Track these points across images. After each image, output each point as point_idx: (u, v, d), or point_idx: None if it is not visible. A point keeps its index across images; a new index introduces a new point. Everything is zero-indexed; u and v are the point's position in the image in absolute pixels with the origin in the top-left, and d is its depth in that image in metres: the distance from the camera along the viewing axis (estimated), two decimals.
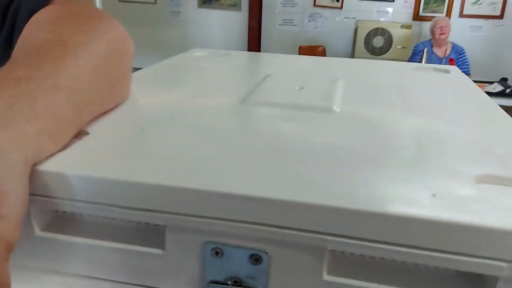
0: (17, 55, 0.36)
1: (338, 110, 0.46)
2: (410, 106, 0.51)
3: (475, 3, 3.90)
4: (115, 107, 0.43)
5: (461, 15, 3.94)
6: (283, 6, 4.27)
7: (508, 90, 2.89)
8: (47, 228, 0.33)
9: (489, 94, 2.93)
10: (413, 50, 3.45)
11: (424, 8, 4.01)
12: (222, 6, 4.36)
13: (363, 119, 0.45)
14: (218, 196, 0.28)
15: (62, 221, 0.34)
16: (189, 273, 0.31)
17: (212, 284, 0.31)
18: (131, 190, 0.29)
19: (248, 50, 4.38)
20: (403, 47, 3.94)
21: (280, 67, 0.72)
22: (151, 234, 0.32)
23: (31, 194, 0.29)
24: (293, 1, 4.24)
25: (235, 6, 4.33)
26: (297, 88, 0.54)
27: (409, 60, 3.45)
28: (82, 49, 0.37)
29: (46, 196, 0.30)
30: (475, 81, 2.45)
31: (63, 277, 0.34)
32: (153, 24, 4.47)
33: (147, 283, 0.33)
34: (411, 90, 0.59)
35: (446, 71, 0.68)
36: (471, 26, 3.92)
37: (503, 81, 3.02)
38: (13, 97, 0.30)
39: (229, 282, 0.31)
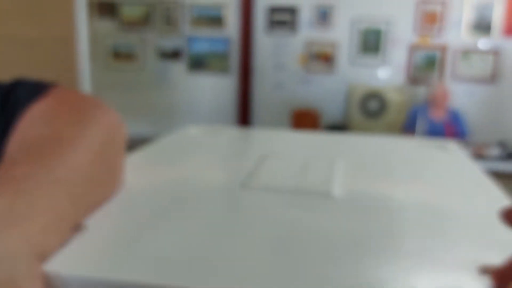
0: (13, 152, 0.38)
1: (341, 194, 0.45)
2: (412, 187, 0.51)
3: (466, 66, 3.92)
4: (112, 195, 0.44)
5: (454, 78, 3.95)
6: (275, 70, 4.26)
7: (507, 154, 2.80)
8: None
9: (489, 158, 2.85)
10: (409, 113, 3.40)
11: (416, 72, 4.02)
12: (211, 71, 4.35)
13: (365, 203, 0.45)
14: None
15: None
16: None
17: None
18: None
19: (239, 114, 4.33)
20: (399, 110, 3.90)
21: (278, 145, 0.73)
22: None
23: None
24: (285, 66, 4.24)
25: (225, 70, 4.32)
26: (297, 169, 0.53)
27: (406, 125, 3.39)
28: (78, 141, 0.39)
29: None
30: (472, 144, 2.37)
31: None
32: (142, 90, 4.45)
33: None
34: (413, 169, 0.60)
35: (445, 148, 0.68)
36: (464, 90, 3.92)
37: (502, 144, 2.95)
38: (13, 196, 0.31)
39: None
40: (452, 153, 0.66)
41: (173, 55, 4.39)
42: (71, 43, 1.56)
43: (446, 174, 0.58)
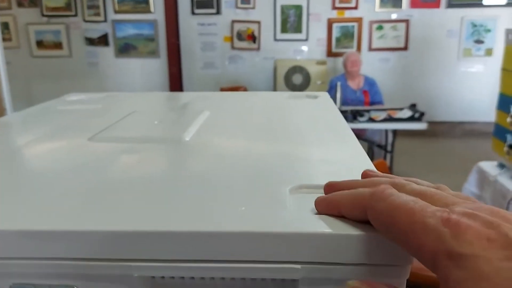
0: None
1: (187, 140, 0.46)
2: (266, 131, 0.52)
3: (380, 37, 4.18)
4: None
5: (370, 49, 4.20)
6: (202, 50, 4.34)
7: (416, 115, 3.06)
8: None
9: (400, 119, 3.11)
10: (329, 84, 3.61)
11: (336, 45, 4.24)
12: (140, 54, 4.37)
13: (211, 147, 0.45)
14: (17, 234, 0.27)
15: None
16: None
17: None
18: None
19: None
20: (322, 82, 4.11)
21: (153, 104, 0.71)
22: None
23: None
24: (212, 45, 4.33)
25: (154, 53, 4.35)
26: (156, 122, 0.54)
27: None
28: None
29: None
30: (387, 109, 2.55)
31: None
32: (70, 77, 4.38)
33: None
34: (276, 116, 0.60)
35: (315, 97, 0.71)
36: (380, 59, 4.18)
37: (412, 107, 3.21)
38: None
39: None
40: (320, 102, 0.67)
41: (100, 41, 4.36)
42: None
43: (309, 119, 0.57)
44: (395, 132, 3.26)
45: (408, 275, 0.27)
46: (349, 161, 0.40)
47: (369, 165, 0.38)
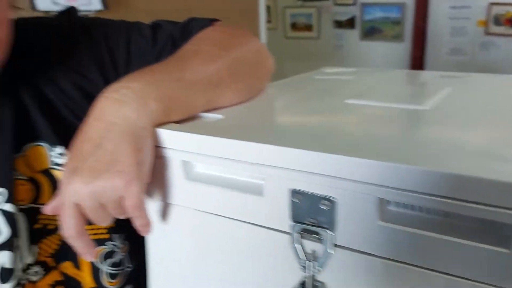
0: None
1: (433, 107, 0.53)
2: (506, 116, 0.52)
3: None
4: (233, 101, 0.54)
5: None
6: (451, 35, 4.12)
7: None
8: None
9: None
10: None
11: None
12: (384, 38, 4.39)
13: (449, 117, 0.51)
14: (297, 153, 0.39)
15: None
16: (283, 215, 0.42)
17: (297, 224, 0.41)
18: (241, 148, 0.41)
19: None
20: None
21: (400, 78, 0.79)
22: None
23: None
24: (463, 30, 4.07)
25: (398, 37, 4.32)
26: (402, 92, 0.62)
27: None
28: (211, 54, 0.50)
29: None
30: None
31: None
32: (316, 58, 4.70)
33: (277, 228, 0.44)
34: None
35: None
36: None
37: None
38: (144, 83, 0.44)
39: (307, 222, 0.41)
40: None
41: (347, 23, 4.54)
42: (253, 15, 1.84)
43: None
44: None
45: None
46: None
47: None
